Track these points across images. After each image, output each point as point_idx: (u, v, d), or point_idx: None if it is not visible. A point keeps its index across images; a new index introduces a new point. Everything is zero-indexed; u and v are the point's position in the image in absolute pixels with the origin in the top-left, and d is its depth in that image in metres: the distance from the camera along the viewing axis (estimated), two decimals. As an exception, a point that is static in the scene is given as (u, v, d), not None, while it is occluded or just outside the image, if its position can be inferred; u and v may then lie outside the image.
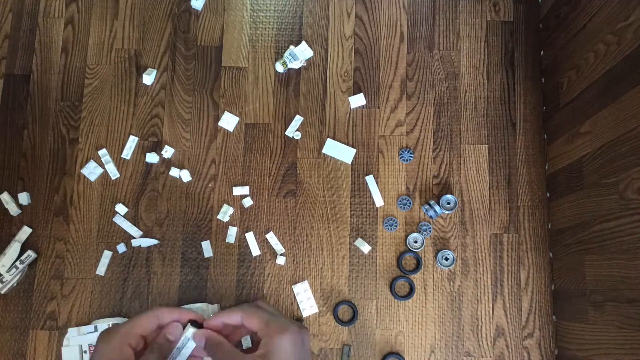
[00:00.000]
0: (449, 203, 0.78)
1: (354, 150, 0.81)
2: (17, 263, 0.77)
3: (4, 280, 0.77)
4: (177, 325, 0.56)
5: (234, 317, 0.56)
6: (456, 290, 0.78)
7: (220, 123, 0.82)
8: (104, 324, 0.76)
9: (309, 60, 0.84)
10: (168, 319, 0.57)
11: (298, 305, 0.77)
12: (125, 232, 0.79)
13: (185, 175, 0.80)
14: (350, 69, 0.83)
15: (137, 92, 0.83)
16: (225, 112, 0.82)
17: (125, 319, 0.77)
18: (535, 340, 0.77)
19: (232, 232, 0.79)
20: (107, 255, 0.79)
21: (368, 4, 0.85)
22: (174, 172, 0.81)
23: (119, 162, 0.81)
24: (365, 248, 0.78)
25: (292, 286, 0.78)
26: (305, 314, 0.77)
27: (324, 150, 0.81)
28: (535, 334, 0.77)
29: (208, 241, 0.79)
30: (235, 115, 0.82)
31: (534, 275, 0.78)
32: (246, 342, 0.74)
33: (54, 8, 0.85)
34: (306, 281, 0.78)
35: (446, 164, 0.81)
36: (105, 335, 0.54)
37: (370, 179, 0.80)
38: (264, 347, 0.51)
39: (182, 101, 0.83)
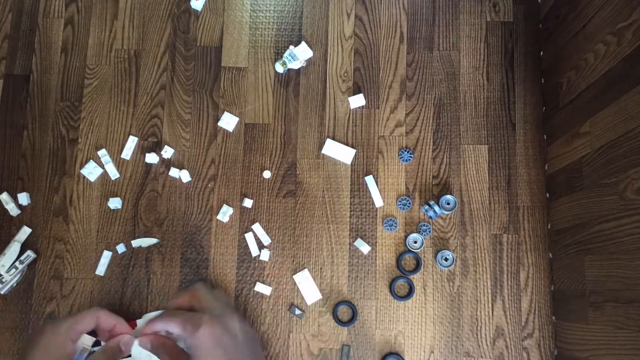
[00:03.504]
0: (448, 203, 0.78)
1: (353, 151, 0.81)
2: (17, 263, 0.77)
3: (3, 280, 0.77)
4: (131, 338, 0.60)
5: (158, 326, 0.58)
6: (456, 291, 0.78)
7: (220, 123, 0.82)
8: None
9: (308, 61, 0.84)
10: (106, 323, 0.60)
11: (302, 295, 0.77)
12: (125, 232, 0.79)
13: (185, 176, 0.80)
14: (350, 69, 0.83)
15: (136, 92, 0.83)
16: (225, 112, 0.82)
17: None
18: (535, 340, 0.77)
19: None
20: (106, 255, 0.79)
21: (368, 4, 0.85)
22: (174, 172, 0.81)
23: (119, 163, 0.81)
24: (365, 248, 0.78)
25: (293, 276, 0.78)
26: (309, 302, 0.77)
27: (323, 151, 0.81)
28: (534, 334, 0.77)
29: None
30: (235, 115, 0.82)
31: (534, 276, 0.78)
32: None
33: (54, 8, 0.85)
34: (306, 269, 0.78)
35: (446, 165, 0.81)
36: (48, 327, 0.56)
37: (369, 180, 0.80)
38: (188, 346, 0.55)
39: (182, 101, 0.83)
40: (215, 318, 0.56)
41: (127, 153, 0.81)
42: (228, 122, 0.82)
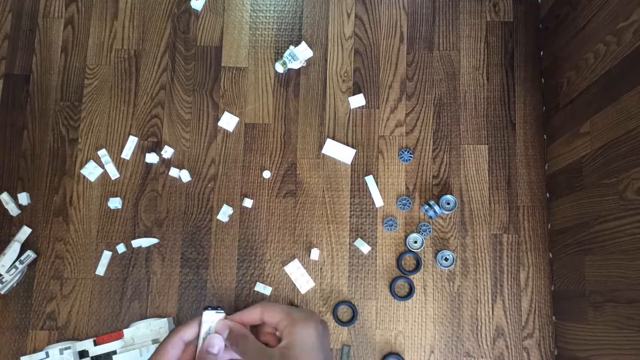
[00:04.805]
0: (448, 203, 0.78)
1: (353, 151, 0.81)
2: (17, 263, 0.77)
3: (3, 280, 0.77)
4: (216, 335, 0.52)
5: (253, 314, 0.52)
6: (456, 291, 0.78)
7: (220, 123, 0.82)
8: (55, 349, 0.74)
9: (308, 61, 0.84)
10: (191, 335, 0.53)
11: (295, 285, 0.77)
12: (125, 232, 0.79)
13: (185, 176, 0.80)
14: (350, 69, 0.83)
15: (136, 92, 0.83)
16: (225, 112, 0.82)
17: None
18: (535, 340, 0.77)
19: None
20: (106, 255, 0.79)
21: (368, 5, 0.85)
22: (174, 172, 0.81)
23: (119, 163, 0.81)
24: (365, 248, 0.78)
25: (284, 267, 0.78)
26: (303, 291, 0.77)
27: (323, 151, 0.81)
28: (535, 334, 0.77)
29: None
30: (235, 115, 0.82)
31: (534, 276, 0.78)
32: None
33: (54, 8, 0.85)
34: (296, 259, 0.78)
35: (446, 164, 0.81)
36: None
37: (370, 179, 0.80)
38: (287, 337, 0.49)
39: (182, 101, 0.83)
40: (323, 321, 0.51)
41: (127, 153, 0.81)
42: (228, 122, 0.82)
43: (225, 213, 0.79)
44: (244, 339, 0.51)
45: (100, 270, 0.78)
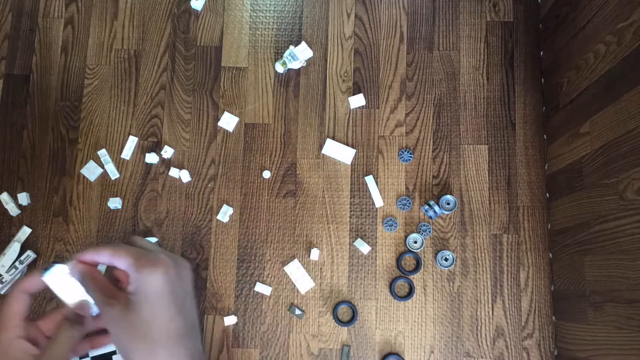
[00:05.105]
0: (448, 203, 0.78)
1: (353, 151, 0.81)
2: (17, 263, 0.77)
3: (3, 280, 0.77)
4: (85, 302, 0.49)
5: (102, 255, 0.48)
6: (456, 291, 0.78)
7: (220, 123, 0.82)
8: None
9: (308, 61, 0.84)
10: (35, 287, 0.48)
11: (294, 285, 0.77)
12: (125, 232, 0.79)
13: (185, 176, 0.80)
14: (350, 69, 0.83)
15: (136, 92, 0.83)
16: (225, 112, 0.82)
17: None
18: (535, 340, 0.77)
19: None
20: (106, 255, 0.78)
21: (368, 4, 0.85)
22: (174, 172, 0.81)
23: (119, 163, 0.81)
24: (365, 248, 0.78)
25: (284, 267, 0.78)
26: (303, 291, 0.77)
27: (323, 151, 0.81)
28: (534, 334, 0.77)
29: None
30: (235, 115, 0.82)
31: (534, 276, 0.78)
32: None
33: (54, 8, 0.85)
34: (296, 259, 0.78)
35: (446, 165, 0.81)
36: None
37: (369, 180, 0.80)
38: (133, 283, 0.45)
39: (182, 101, 0.83)
40: (177, 263, 0.47)
41: (127, 153, 0.81)
42: (228, 122, 0.82)
43: (225, 213, 0.79)
44: (95, 280, 0.48)
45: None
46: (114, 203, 0.79)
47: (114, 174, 0.81)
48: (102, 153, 0.81)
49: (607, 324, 0.62)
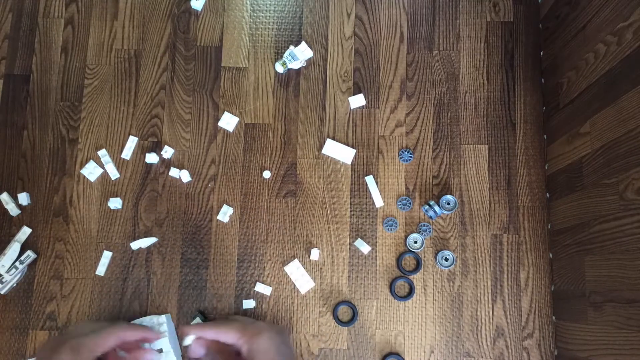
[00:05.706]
0: (448, 203, 0.78)
1: (353, 151, 0.81)
2: (17, 263, 0.77)
3: (3, 280, 0.77)
4: (154, 352, 0.57)
5: (207, 333, 0.56)
6: (456, 291, 0.78)
7: (220, 123, 0.82)
8: None
9: (308, 61, 0.84)
10: (131, 337, 0.55)
11: (295, 285, 0.77)
12: (125, 232, 0.79)
13: (185, 176, 0.80)
14: (350, 69, 0.83)
15: (136, 92, 0.83)
16: (225, 112, 0.82)
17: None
18: (535, 340, 0.77)
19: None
20: (106, 255, 0.79)
21: (368, 5, 0.85)
22: (174, 172, 0.81)
23: (119, 163, 0.81)
24: (365, 248, 0.78)
25: (284, 267, 0.78)
26: (303, 291, 0.77)
27: (323, 151, 0.81)
28: (535, 334, 0.77)
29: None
30: (235, 115, 0.82)
31: (534, 276, 0.78)
32: None
33: (54, 8, 0.85)
34: (296, 259, 0.78)
35: (446, 165, 0.81)
36: (67, 345, 0.50)
37: (370, 180, 0.80)
38: (246, 353, 0.54)
39: (182, 101, 0.83)
40: (278, 329, 0.57)
41: (127, 153, 0.81)
42: (228, 122, 0.82)
43: (225, 213, 0.79)
44: (221, 352, 0.57)
45: (101, 270, 0.78)
46: (114, 203, 0.79)
47: (114, 174, 0.81)
48: (102, 153, 0.81)
49: (607, 324, 0.62)
